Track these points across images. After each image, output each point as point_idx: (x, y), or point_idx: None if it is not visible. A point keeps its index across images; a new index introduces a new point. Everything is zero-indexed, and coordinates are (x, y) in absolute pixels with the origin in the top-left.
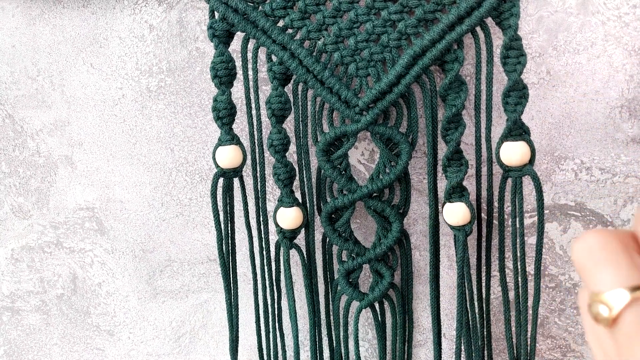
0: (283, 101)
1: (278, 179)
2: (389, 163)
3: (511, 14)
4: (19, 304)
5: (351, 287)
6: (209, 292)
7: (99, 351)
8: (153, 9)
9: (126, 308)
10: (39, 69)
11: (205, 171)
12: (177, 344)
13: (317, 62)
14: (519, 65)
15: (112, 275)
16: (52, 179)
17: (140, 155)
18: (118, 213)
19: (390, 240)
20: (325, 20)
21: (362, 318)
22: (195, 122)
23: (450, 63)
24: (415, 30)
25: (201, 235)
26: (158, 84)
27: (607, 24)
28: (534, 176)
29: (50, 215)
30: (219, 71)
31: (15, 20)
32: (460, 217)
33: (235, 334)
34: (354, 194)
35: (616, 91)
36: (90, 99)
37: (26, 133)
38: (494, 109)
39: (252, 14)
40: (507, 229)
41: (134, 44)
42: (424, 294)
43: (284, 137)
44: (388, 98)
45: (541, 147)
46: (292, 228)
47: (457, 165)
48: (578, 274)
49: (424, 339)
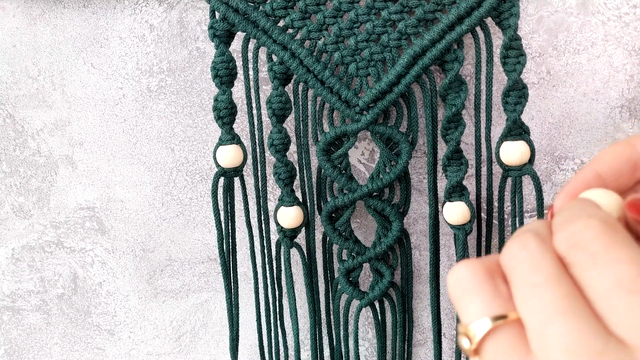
0: (283, 101)
1: (279, 178)
2: (389, 162)
3: (511, 14)
4: (20, 303)
5: (351, 286)
6: (209, 291)
7: (100, 351)
8: (153, 9)
9: (127, 307)
10: (40, 68)
11: (206, 171)
12: (177, 344)
13: (317, 62)
14: (519, 65)
15: (113, 274)
16: (52, 179)
17: (140, 155)
18: (118, 213)
19: (390, 239)
20: (326, 20)
21: (362, 317)
22: (196, 121)
23: (450, 63)
24: (415, 30)
25: (202, 234)
26: (158, 83)
27: (608, 24)
28: (534, 175)
29: (51, 214)
30: (220, 71)
31: (16, 20)
32: (460, 216)
33: (236, 333)
34: (354, 193)
35: (616, 91)
36: (90, 98)
37: (27, 133)
38: (494, 109)
39: (252, 14)
40: (507, 229)
41: (134, 44)
42: (424, 293)
43: (285, 137)
44: (388, 98)
45: (541, 147)
46: (292, 227)
47: (457, 164)
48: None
49: (423, 338)
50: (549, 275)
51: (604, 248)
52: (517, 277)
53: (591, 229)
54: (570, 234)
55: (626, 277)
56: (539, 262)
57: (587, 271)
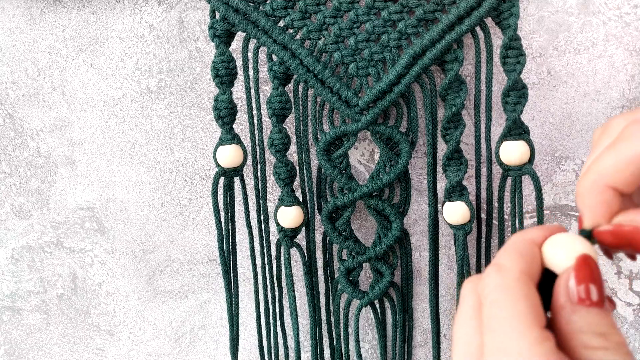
0: (283, 101)
1: (279, 178)
2: (389, 162)
3: (510, 14)
4: (19, 303)
5: (351, 286)
6: (209, 292)
7: (99, 351)
8: (153, 9)
9: (126, 308)
10: (39, 68)
11: (205, 171)
12: (177, 344)
13: (317, 62)
14: (519, 65)
15: (112, 275)
16: (52, 179)
17: (140, 155)
18: (118, 213)
19: (390, 239)
20: (326, 20)
21: (363, 318)
22: (195, 122)
23: (450, 63)
24: (415, 30)
25: (201, 235)
26: (158, 84)
27: (608, 24)
28: (534, 175)
29: (51, 215)
30: (220, 71)
31: (16, 20)
32: (460, 216)
33: (236, 333)
34: (354, 193)
35: (617, 91)
36: (90, 98)
37: (26, 133)
38: (494, 109)
39: (252, 14)
40: (507, 229)
41: (134, 44)
42: (424, 294)
43: (285, 137)
44: (388, 98)
45: (542, 148)
46: (292, 227)
47: (457, 164)
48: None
49: (424, 339)
50: (467, 308)
51: (497, 301)
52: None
53: (493, 285)
54: (483, 283)
55: (503, 325)
56: (462, 300)
57: (484, 311)
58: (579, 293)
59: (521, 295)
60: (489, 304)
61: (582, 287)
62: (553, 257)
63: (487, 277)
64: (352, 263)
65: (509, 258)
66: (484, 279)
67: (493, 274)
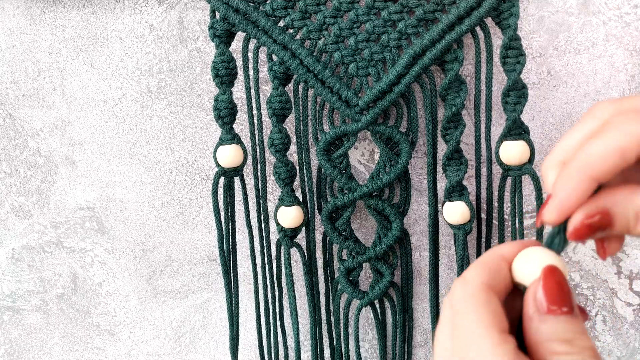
0: (284, 101)
1: (279, 178)
2: (389, 162)
3: (510, 14)
4: (20, 303)
5: (351, 286)
6: (209, 292)
7: (99, 351)
8: (153, 9)
9: (126, 308)
10: (40, 68)
11: (206, 171)
12: (177, 344)
13: (317, 62)
14: (518, 65)
15: (113, 275)
16: (52, 179)
17: (140, 155)
18: (118, 213)
19: (390, 239)
20: (326, 20)
21: (363, 318)
22: (196, 122)
23: (450, 63)
24: (415, 30)
25: (201, 235)
26: (158, 84)
27: (608, 24)
28: (534, 175)
29: (51, 215)
30: (220, 71)
31: (16, 20)
32: (460, 215)
33: (236, 333)
34: (354, 193)
35: (617, 91)
36: (90, 98)
37: (27, 133)
38: (494, 109)
39: (253, 14)
40: (507, 229)
41: (134, 44)
42: (425, 294)
43: (285, 137)
44: (388, 97)
45: (542, 148)
46: (292, 227)
47: (457, 164)
48: None
49: (424, 339)
50: (444, 318)
51: (461, 310)
52: None
53: (457, 296)
54: (451, 295)
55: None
56: (442, 312)
57: (453, 320)
58: (547, 303)
59: (481, 303)
60: (455, 314)
61: (549, 297)
62: (521, 271)
63: (453, 289)
64: (352, 263)
65: (474, 272)
66: (451, 292)
67: (458, 286)
